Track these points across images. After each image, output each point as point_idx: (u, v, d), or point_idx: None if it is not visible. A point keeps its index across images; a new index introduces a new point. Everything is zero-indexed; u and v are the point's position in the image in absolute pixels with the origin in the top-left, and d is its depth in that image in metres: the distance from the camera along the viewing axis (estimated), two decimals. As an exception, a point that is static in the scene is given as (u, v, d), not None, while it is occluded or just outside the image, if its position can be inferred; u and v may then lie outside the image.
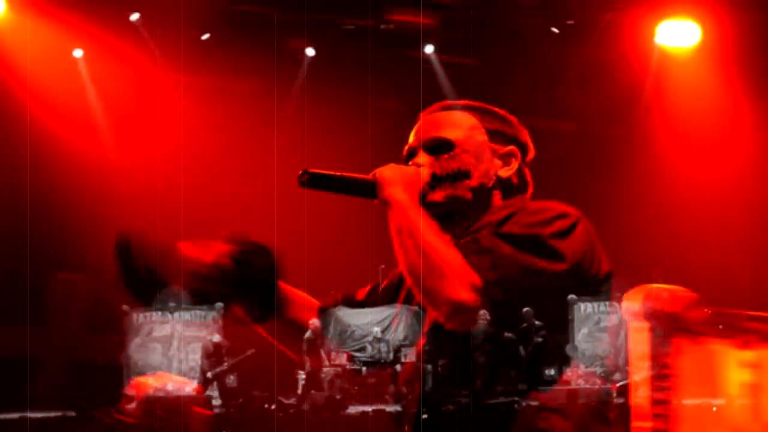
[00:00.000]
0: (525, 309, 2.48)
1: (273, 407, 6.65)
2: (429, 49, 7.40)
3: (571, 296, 2.52)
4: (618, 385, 2.57)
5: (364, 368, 2.74)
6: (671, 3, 7.10)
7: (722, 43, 7.12)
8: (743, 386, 2.73)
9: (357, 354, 2.73)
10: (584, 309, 2.49)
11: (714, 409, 2.72)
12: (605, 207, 6.06)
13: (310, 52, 7.43)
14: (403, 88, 7.15)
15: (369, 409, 6.19)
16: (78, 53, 7.31)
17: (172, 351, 2.73)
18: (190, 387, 2.85)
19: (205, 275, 2.65)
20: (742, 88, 7.25)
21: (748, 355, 2.73)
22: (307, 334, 2.77)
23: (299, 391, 6.13)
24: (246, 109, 7.54)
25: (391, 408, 2.72)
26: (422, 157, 2.71)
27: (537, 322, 2.49)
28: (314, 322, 2.78)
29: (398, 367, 2.68)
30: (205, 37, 7.19)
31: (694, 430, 2.65)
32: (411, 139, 2.77)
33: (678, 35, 7.21)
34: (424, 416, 2.58)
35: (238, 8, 7.18)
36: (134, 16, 7.06)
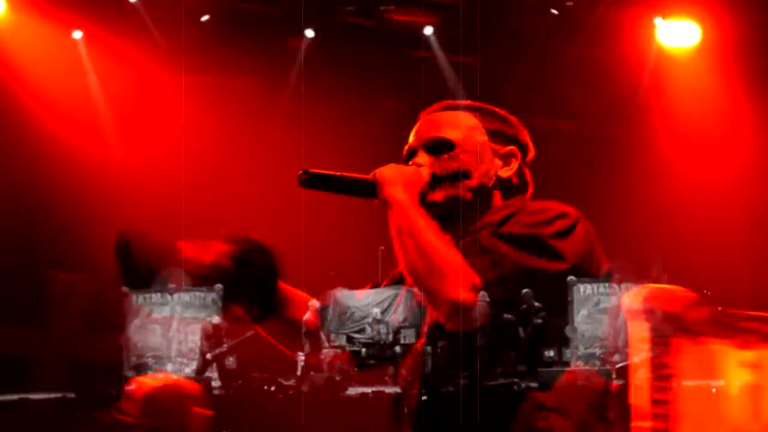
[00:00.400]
0: (524, 290, 2.48)
1: (272, 388, 6.67)
2: (428, 30, 7.35)
3: (571, 277, 2.52)
4: (617, 366, 2.57)
5: (363, 350, 2.73)
6: (671, 2, 7.09)
7: (722, 43, 7.12)
8: (743, 386, 2.73)
9: (356, 335, 2.73)
10: (584, 291, 2.49)
11: (713, 390, 2.72)
12: (605, 207, 6.05)
13: (309, 33, 7.38)
14: (403, 88, 7.16)
15: (369, 390, 6.22)
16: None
17: (172, 332, 2.73)
18: (188, 369, 2.84)
19: (205, 275, 2.66)
20: (742, 88, 7.25)
21: (748, 355, 2.73)
22: (306, 316, 2.77)
23: (298, 373, 6.14)
24: (246, 108, 7.55)
25: (390, 390, 2.72)
26: (422, 157, 2.71)
27: (536, 304, 2.50)
28: (313, 304, 2.78)
29: (398, 349, 2.69)
30: (205, 18, 7.16)
31: (694, 429, 2.65)
32: (411, 139, 2.77)
33: (678, 35, 7.21)
34: (424, 398, 2.59)
35: (238, 6, 7.18)
36: None
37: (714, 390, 2.72)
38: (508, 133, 2.77)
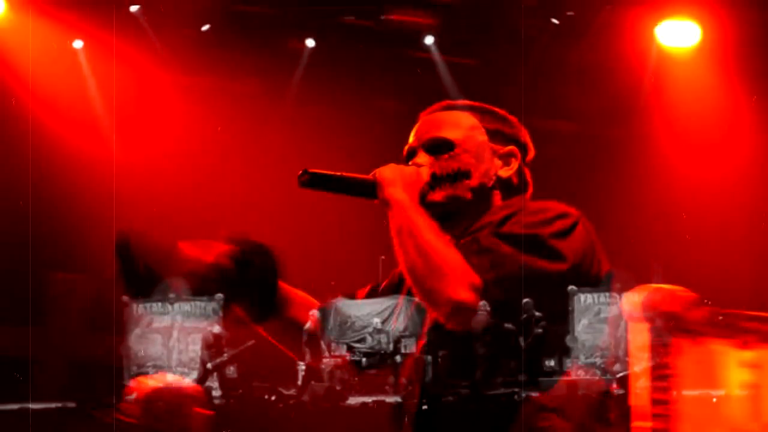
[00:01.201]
0: (525, 300, 2.49)
1: (273, 398, 6.67)
2: (429, 40, 7.36)
3: (571, 287, 2.52)
4: (618, 376, 2.57)
5: (363, 359, 2.73)
6: (671, 2, 7.09)
7: (722, 43, 7.11)
8: (743, 386, 2.72)
9: (357, 345, 2.74)
10: (584, 300, 2.49)
11: (714, 400, 2.72)
12: (605, 207, 6.06)
13: (310, 43, 7.40)
14: (403, 88, 7.15)
15: (369, 399, 6.21)
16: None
17: (172, 342, 2.74)
18: (189, 379, 2.84)
19: (205, 275, 2.65)
20: (742, 88, 7.25)
21: (748, 355, 2.73)
22: (307, 326, 2.78)
23: (299, 382, 6.15)
24: (246, 109, 7.54)
25: (391, 399, 2.72)
26: (422, 157, 2.71)
27: (537, 313, 2.50)
28: (314, 313, 2.79)
29: (398, 358, 2.69)
30: (205, 28, 7.17)
31: (694, 430, 2.65)
32: (411, 139, 2.78)
33: (678, 35, 7.21)
34: (424, 407, 2.59)
35: (238, 8, 7.18)
36: (134, 8, 7.04)
37: (714, 400, 2.72)
38: (507, 133, 2.77)
